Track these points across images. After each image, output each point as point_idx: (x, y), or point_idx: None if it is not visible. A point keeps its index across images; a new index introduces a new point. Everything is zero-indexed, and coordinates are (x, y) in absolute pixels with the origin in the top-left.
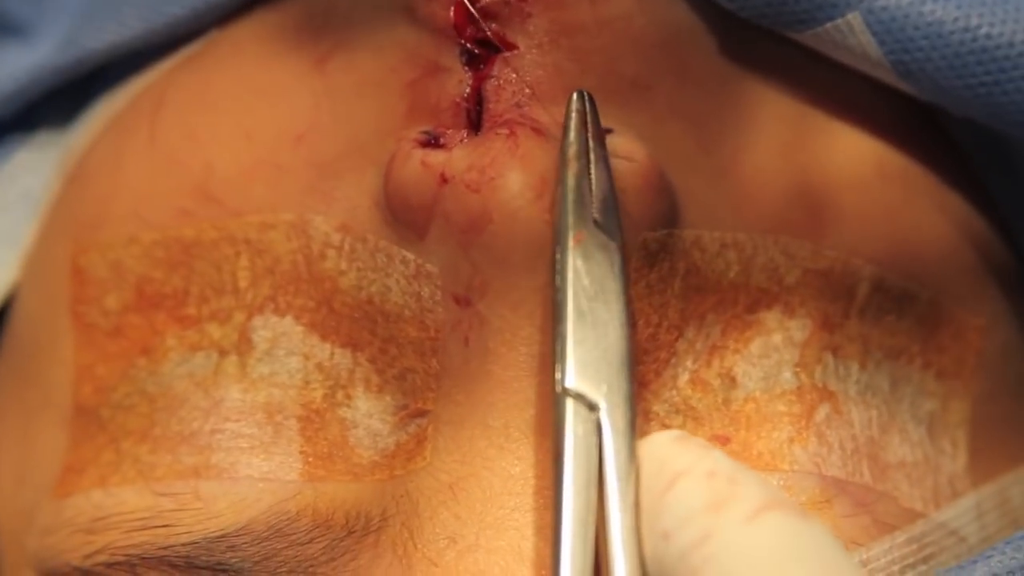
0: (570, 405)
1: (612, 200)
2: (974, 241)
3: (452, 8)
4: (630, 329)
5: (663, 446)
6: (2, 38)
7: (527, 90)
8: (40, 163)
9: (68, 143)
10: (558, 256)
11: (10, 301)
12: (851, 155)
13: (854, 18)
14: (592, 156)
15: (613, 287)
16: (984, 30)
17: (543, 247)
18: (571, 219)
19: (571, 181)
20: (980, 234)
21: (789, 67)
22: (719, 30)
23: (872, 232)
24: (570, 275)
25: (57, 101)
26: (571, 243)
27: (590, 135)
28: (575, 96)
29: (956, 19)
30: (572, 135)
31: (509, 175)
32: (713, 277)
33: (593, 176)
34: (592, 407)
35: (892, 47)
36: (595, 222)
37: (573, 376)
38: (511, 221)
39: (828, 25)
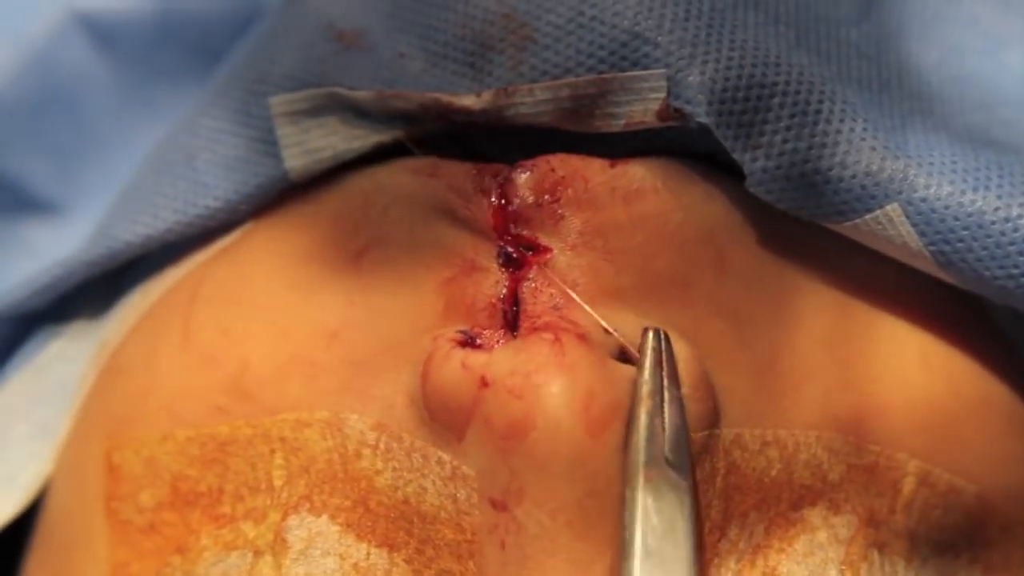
0: None
1: (684, 439)
2: (1020, 432)
3: (491, 210)
4: (698, 569)
5: None
6: (33, 219)
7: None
8: (74, 354)
9: (102, 334)
10: (628, 493)
11: (43, 494)
12: (893, 346)
13: (893, 210)
14: (666, 394)
15: (682, 527)
16: None
17: (584, 459)
18: (642, 456)
19: (644, 419)
20: None
21: (828, 257)
22: (757, 223)
23: (916, 425)
24: (639, 513)
25: (91, 290)
26: (641, 481)
27: (664, 373)
28: (651, 334)
29: (997, 209)
30: (647, 373)
31: (555, 383)
32: (754, 475)
33: (666, 414)
34: None
35: (932, 238)
36: (666, 460)
37: None
38: (555, 431)
39: (867, 216)
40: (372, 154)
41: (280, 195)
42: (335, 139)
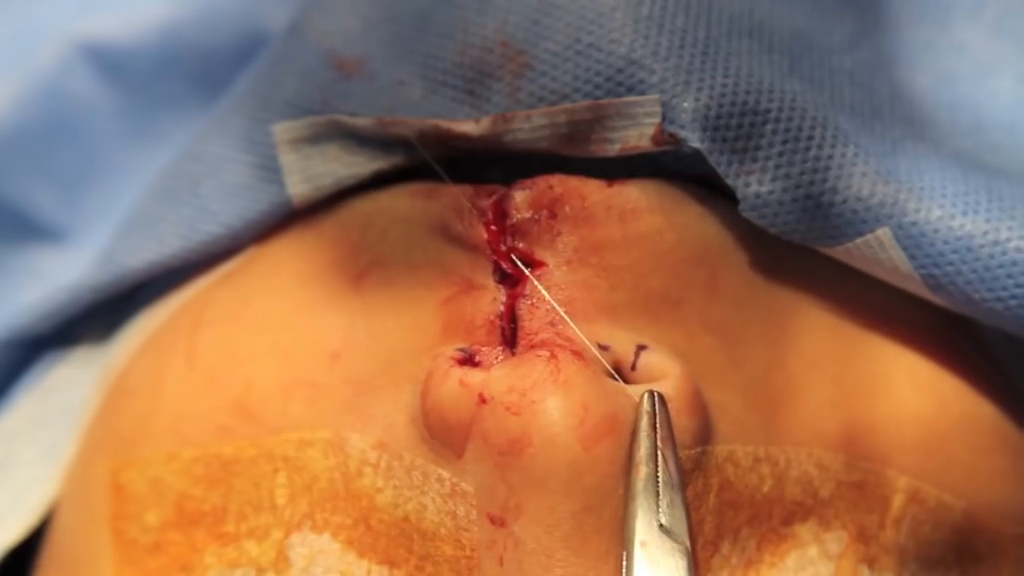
0: None
1: (681, 505)
2: (1008, 448)
3: (486, 227)
4: None
5: None
6: (38, 245)
7: (560, 307)
8: (79, 378)
9: (106, 358)
10: (624, 561)
11: (49, 516)
12: (884, 365)
13: (884, 233)
14: (660, 457)
15: None
16: (1014, 243)
17: (580, 473)
18: (638, 524)
19: (639, 485)
20: (1014, 441)
21: (820, 279)
22: (749, 244)
23: (906, 443)
24: None
25: (95, 315)
26: (637, 547)
27: (659, 437)
28: (646, 397)
29: (985, 232)
30: (642, 437)
31: (551, 400)
32: (747, 491)
33: (661, 479)
34: None
35: (922, 261)
36: (661, 526)
37: None
38: (551, 446)
39: (858, 240)
40: (372, 180)
41: (280, 221)
42: (336, 166)
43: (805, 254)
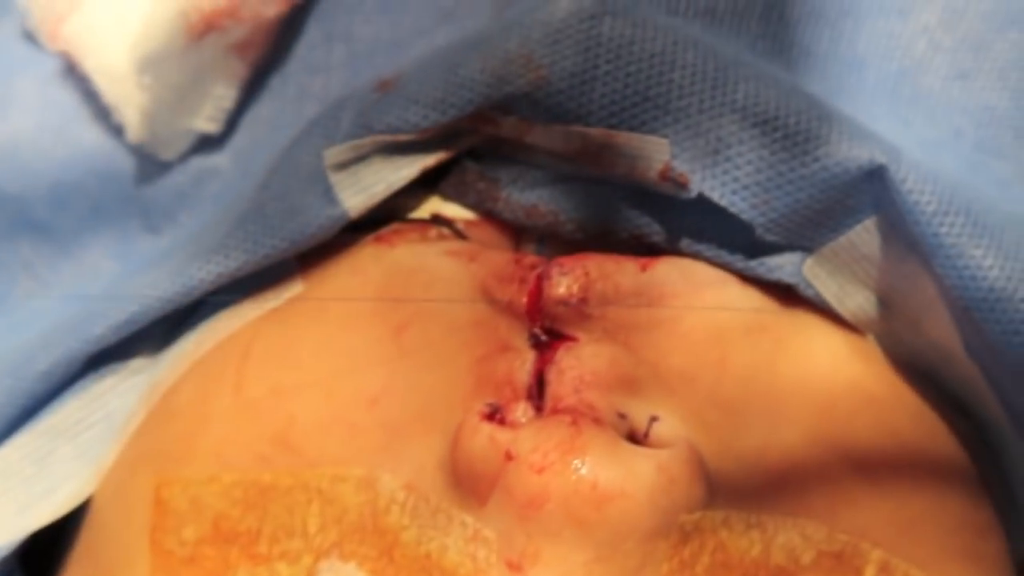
0: None
1: None
2: (971, 528)
3: (527, 298)
4: None
5: None
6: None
7: (586, 377)
8: (126, 389)
9: (155, 375)
10: None
11: (80, 509)
12: (870, 447)
13: (872, 221)
14: None
15: None
16: None
17: (591, 528)
18: None
19: None
20: (979, 521)
21: (817, 363)
22: (757, 328)
23: (882, 518)
24: None
25: (148, 333)
26: None
27: None
28: None
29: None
30: None
31: (569, 463)
32: (737, 554)
33: None
34: None
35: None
36: None
37: None
38: (566, 504)
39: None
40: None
41: (327, 263)
42: (384, 172)
43: (805, 339)
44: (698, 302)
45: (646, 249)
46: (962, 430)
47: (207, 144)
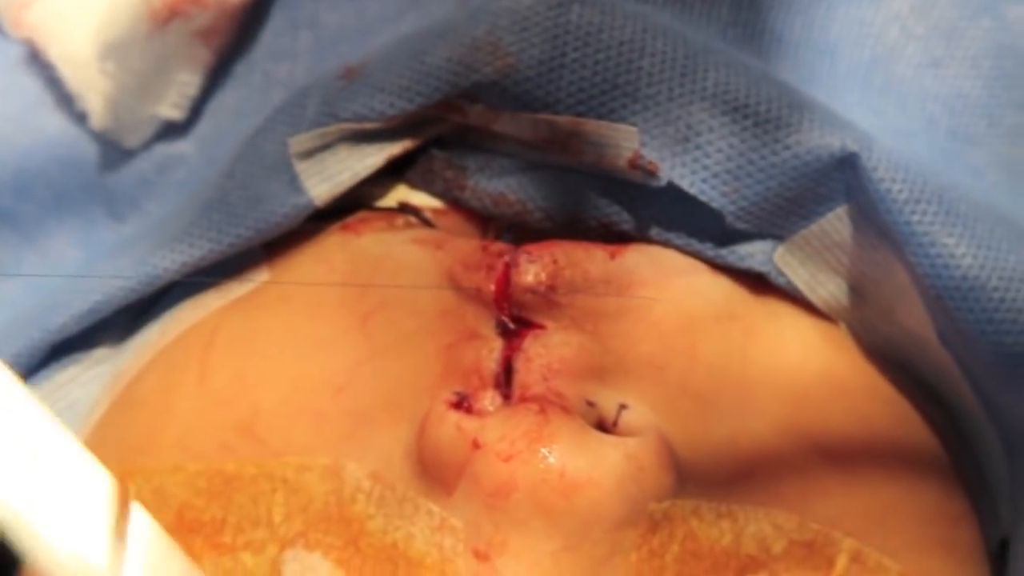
0: None
1: None
2: (946, 519)
3: (495, 286)
4: None
5: None
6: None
7: (554, 365)
8: (89, 380)
9: (117, 365)
10: None
11: None
12: (842, 436)
13: (843, 210)
14: None
15: None
16: None
17: (559, 517)
18: None
19: None
20: (953, 512)
21: (789, 353)
22: (728, 316)
23: (854, 508)
24: None
25: (111, 322)
26: None
27: None
28: None
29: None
30: None
31: (537, 451)
32: (707, 544)
33: None
34: None
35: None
36: None
37: None
38: (533, 493)
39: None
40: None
41: (293, 252)
42: (350, 161)
43: (778, 328)
44: (668, 290)
45: (615, 237)
46: (935, 418)
47: (171, 131)
